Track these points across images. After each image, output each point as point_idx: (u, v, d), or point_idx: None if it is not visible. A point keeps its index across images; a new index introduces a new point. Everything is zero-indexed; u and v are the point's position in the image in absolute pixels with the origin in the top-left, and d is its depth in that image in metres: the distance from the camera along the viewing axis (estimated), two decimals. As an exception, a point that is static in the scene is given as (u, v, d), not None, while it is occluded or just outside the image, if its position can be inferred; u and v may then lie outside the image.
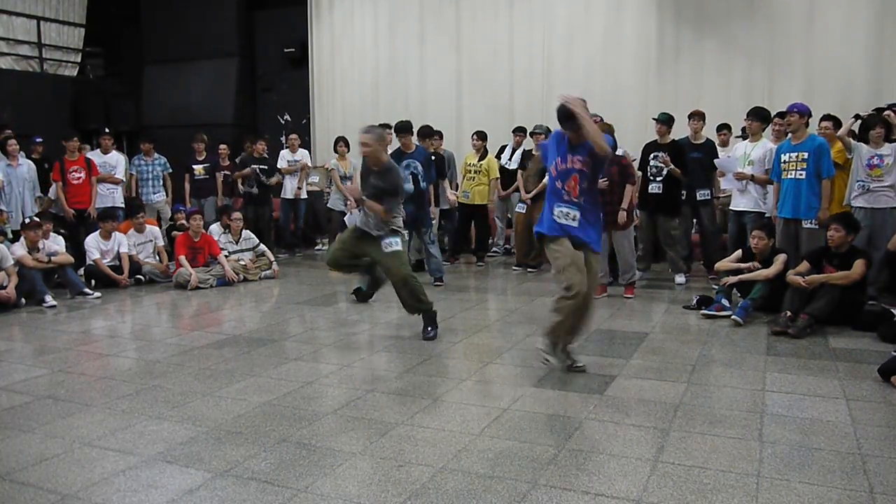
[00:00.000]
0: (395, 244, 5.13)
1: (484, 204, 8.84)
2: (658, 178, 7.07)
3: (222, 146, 9.75)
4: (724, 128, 8.06)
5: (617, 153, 6.83)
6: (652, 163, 7.11)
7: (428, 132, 8.29)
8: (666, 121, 7.14)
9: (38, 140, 8.77)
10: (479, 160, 8.74)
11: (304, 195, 9.74)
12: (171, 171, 9.59)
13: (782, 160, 6.10)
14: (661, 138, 7.16)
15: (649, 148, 7.24)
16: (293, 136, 10.00)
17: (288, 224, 9.82)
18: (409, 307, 5.26)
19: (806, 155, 5.93)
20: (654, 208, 7.12)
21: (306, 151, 10.08)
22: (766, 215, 6.60)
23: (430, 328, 5.24)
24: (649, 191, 7.07)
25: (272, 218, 9.62)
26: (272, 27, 12.13)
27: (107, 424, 3.59)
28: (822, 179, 5.91)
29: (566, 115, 4.07)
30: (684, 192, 7.24)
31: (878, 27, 8.30)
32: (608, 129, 7.28)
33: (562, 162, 4.10)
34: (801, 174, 5.95)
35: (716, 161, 7.06)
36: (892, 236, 5.88)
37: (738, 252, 6.13)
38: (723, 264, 6.14)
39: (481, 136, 8.88)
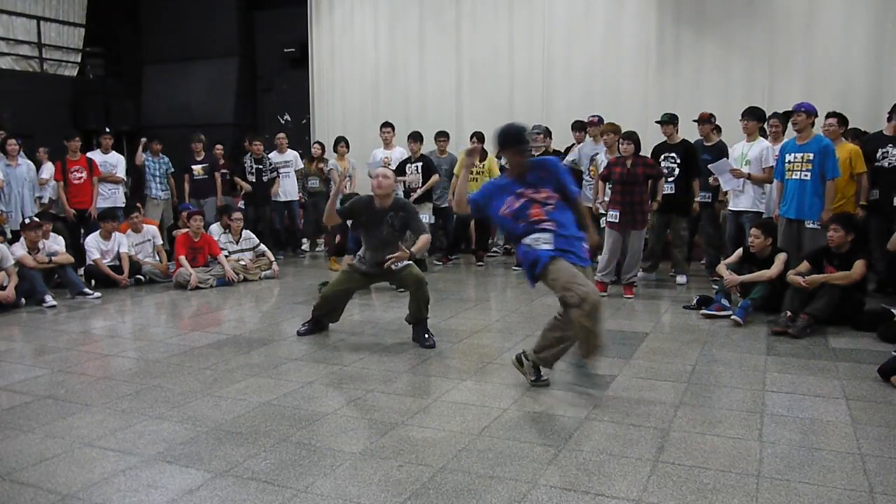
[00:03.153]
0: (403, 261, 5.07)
1: None
2: (670, 179, 7.08)
3: (218, 146, 9.74)
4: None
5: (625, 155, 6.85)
6: (663, 163, 7.11)
7: (416, 136, 8.55)
8: (669, 121, 7.14)
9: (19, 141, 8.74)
10: (481, 161, 8.71)
11: (289, 197, 9.68)
12: (172, 170, 9.68)
13: (787, 160, 6.07)
14: (670, 139, 7.16)
15: (660, 149, 7.24)
16: (280, 135, 9.93)
17: (282, 226, 9.80)
18: (417, 311, 5.10)
19: (811, 156, 5.90)
20: (667, 207, 7.11)
21: (295, 152, 9.98)
22: (765, 215, 6.60)
23: (426, 335, 5.10)
24: (663, 191, 7.06)
25: (272, 218, 9.61)
26: (272, 27, 12.13)
27: (107, 424, 3.59)
28: (826, 180, 5.90)
29: (517, 137, 3.87)
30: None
31: (878, 27, 8.29)
32: (617, 129, 7.28)
33: (516, 200, 3.81)
34: (805, 175, 5.93)
35: (709, 166, 7.08)
36: None
37: (740, 251, 6.12)
38: (723, 267, 6.12)
39: (480, 137, 8.81)
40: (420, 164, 8.52)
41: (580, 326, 3.69)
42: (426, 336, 5.08)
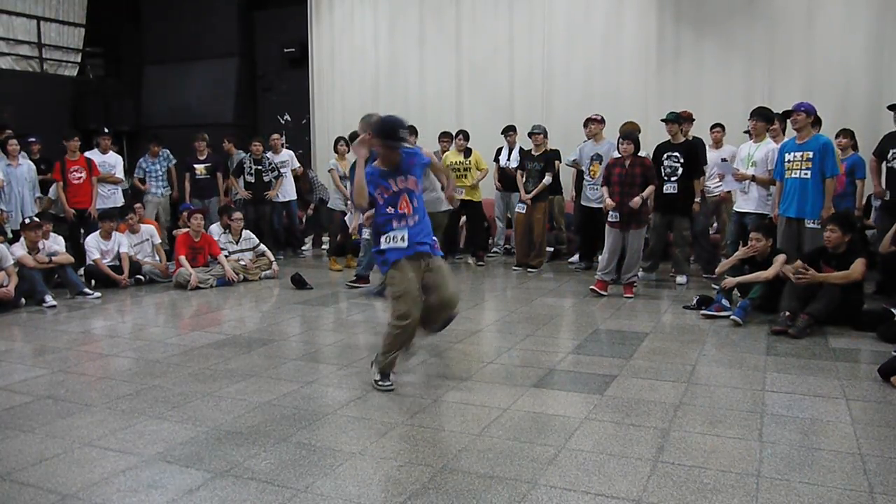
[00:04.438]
0: None
1: (478, 201, 8.81)
2: (673, 179, 7.04)
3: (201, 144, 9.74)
4: (717, 126, 7.92)
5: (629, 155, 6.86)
6: (666, 163, 7.08)
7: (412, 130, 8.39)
8: (675, 119, 7.11)
9: (32, 139, 8.75)
10: (465, 157, 8.71)
11: (287, 197, 9.66)
12: (174, 161, 9.68)
13: (786, 159, 6.08)
14: (674, 138, 7.13)
15: (662, 148, 7.21)
16: (275, 136, 9.92)
17: (281, 226, 9.80)
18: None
19: (811, 154, 5.91)
20: (669, 208, 7.07)
21: (291, 152, 9.99)
22: (769, 216, 6.60)
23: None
24: (664, 191, 7.01)
25: (272, 218, 9.61)
26: (272, 27, 12.14)
27: (107, 424, 3.59)
28: (825, 178, 5.90)
29: (393, 130, 3.95)
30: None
31: (878, 27, 8.29)
32: (636, 129, 7.26)
33: (387, 189, 4.00)
34: (805, 173, 5.93)
35: (715, 167, 7.06)
36: None
37: (738, 254, 6.12)
38: (725, 266, 6.13)
39: (465, 136, 8.83)
40: None
41: (387, 335, 4.05)
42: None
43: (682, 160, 7.04)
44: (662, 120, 7.22)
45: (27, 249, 6.88)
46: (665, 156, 7.11)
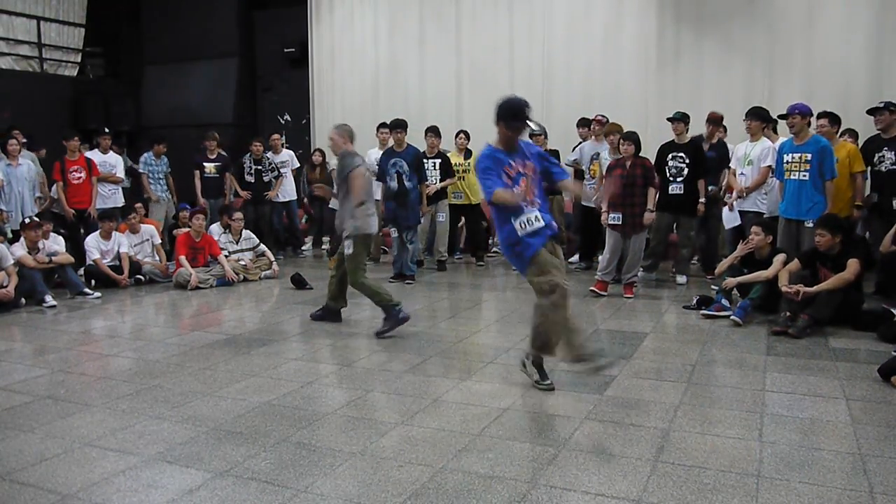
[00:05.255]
0: (347, 246, 5.43)
1: (476, 203, 8.79)
2: (679, 179, 7.02)
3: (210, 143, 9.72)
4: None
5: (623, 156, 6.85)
6: (671, 163, 7.07)
7: (435, 131, 8.38)
8: (681, 118, 7.10)
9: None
10: (465, 159, 8.69)
11: (287, 197, 9.63)
12: (169, 170, 9.68)
13: (785, 160, 6.09)
14: (679, 138, 7.12)
15: (667, 148, 7.19)
16: (275, 136, 9.91)
17: (281, 226, 9.80)
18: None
19: (809, 156, 5.91)
20: (675, 208, 7.05)
21: (291, 152, 9.99)
22: (766, 215, 6.60)
23: (385, 324, 5.36)
24: (669, 192, 6.99)
25: (272, 218, 9.60)
26: (272, 27, 12.14)
27: (107, 424, 3.59)
28: (825, 181, 5.90)
29: (519, 110, 4.09)
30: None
31: (878, 27, 8.30)
32: (618, 129, 7.27)
33: (511, 168, 3.96)
34: (804, 175, 5.94)
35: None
36: None
37: (737, 253, 6.11)
38: (724, 266, 6.13)
39: (466, 136, 8.79)
40: (438, 161, 8.36)
41: (535, 320, 3.92)
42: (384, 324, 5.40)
43: (687, 160, 7.03)
44: (669, 119, 7.22)
45: (27, 249, 6.88)
46: (670, 156, 7.09)
